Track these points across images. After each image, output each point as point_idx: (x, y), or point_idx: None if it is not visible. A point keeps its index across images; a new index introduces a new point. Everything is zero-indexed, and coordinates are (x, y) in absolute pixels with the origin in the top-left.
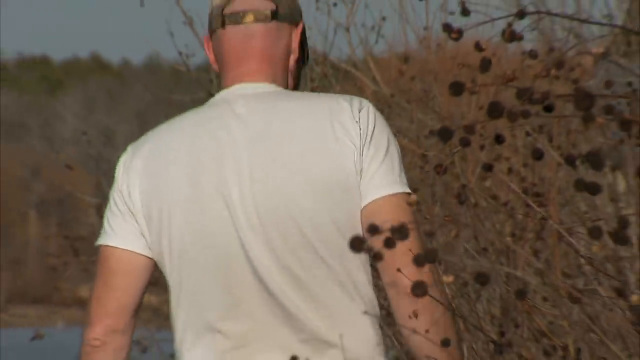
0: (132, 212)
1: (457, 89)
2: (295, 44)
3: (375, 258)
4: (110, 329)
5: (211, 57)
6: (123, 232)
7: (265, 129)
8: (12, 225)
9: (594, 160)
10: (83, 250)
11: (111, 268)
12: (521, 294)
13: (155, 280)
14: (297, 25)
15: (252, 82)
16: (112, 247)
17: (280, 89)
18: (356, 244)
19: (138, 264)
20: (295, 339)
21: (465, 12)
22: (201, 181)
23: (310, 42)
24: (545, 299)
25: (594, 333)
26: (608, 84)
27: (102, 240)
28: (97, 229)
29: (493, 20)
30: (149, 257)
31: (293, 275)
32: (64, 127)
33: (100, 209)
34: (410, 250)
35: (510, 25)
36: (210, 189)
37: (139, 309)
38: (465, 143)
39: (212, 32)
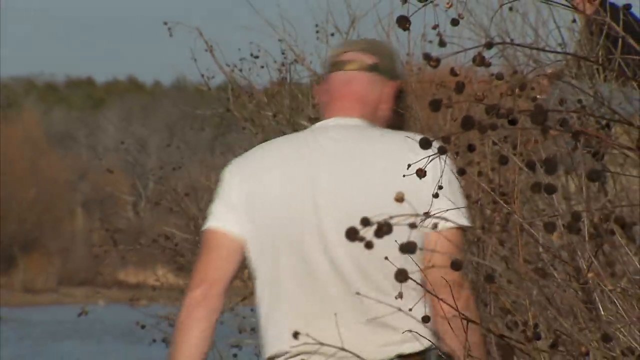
0: (232, 206)
1: (435, 105)
2: (387, 95)
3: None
4: (208, 292)
5: (317, 97)
6: (224, 220)
7: (352, 150)
8: (62, 220)
9: (550, 165)
10: (121, 241)
11: (212, 244)
12: (489, 278)
13: (182, 266)
14: (393, 81)
15: (345, 116)
16: (214, 229)
17: (367, 124)
18: (351, 234)
19: (233, 245)
20: (361, 320)
21: (442, 43)
22: (293, 189)
23: (311, 66)
24: (509, 282)
25: (550, 310)
26: (562, 102)
27: (207, 224)
28: (133, 222)
29: (466, 50)
30: (241, 242)
31: (362, 269)
32: (106, 137)
33: (135, 206)
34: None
35: (480, 53)
36: (301, 195)
37: (232, 281)
38: (442, 151)
39: (323, 76)
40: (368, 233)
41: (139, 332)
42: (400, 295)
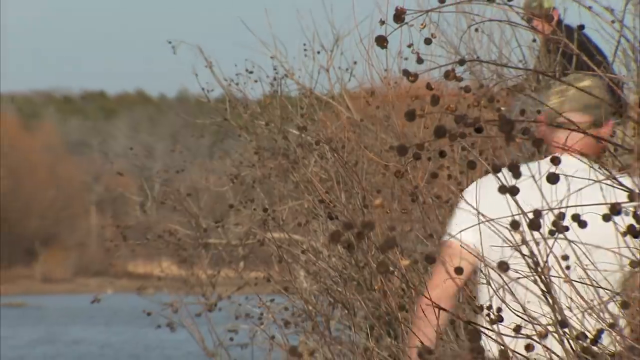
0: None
1: (410, 115)
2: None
3: None
4: (442, 294)
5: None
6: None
7: None
8: (77, 217)
9: (513, 169)
10: (130, 236)
11: (452, 254)
12: (459, 270)
13: (184, 259)
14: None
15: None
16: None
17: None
18: None
19: (468, 255)
20: None
21: (419, 61)
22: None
23: (299, 81)
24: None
25: (513, 298)
26: (522, 113)
27: (447, 237)
28: (140, 219)
29: (440, 66)
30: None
31: None
32: (116, 144)
33: (142, 205)
34: None
35: (452, 70)
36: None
37: (464, 285)
38: (416, 156)
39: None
40: None
41: (145, 318)
42: None
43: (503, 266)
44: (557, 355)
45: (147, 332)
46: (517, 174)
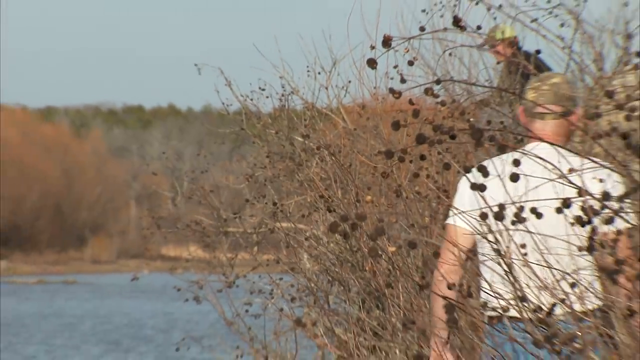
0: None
1: (395, 125)
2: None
3: None
4: (449, 270)
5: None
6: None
7: None
8: (119, 210)
9: (481, 170)
10: (163, 225)
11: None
12: (435, 254)
13: (208, 244)
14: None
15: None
16: (454, 225)
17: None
18: None
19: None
20: None
21: (403, 80)
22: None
23: (303, 97)
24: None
25: (480, 275)
26: (488, 123)
27: (450, 221)
28: (171, 211)
29: (420, 85)
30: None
31: None
32: (151, 149)
33: (173, 200)
34: None
35: (430, 88)
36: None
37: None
38: (400, 159)
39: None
40: None
41: (175, 293)
42: None
43: (470, 254)
44: (520, 326)
45: (177, 304)
46: (485, 174)
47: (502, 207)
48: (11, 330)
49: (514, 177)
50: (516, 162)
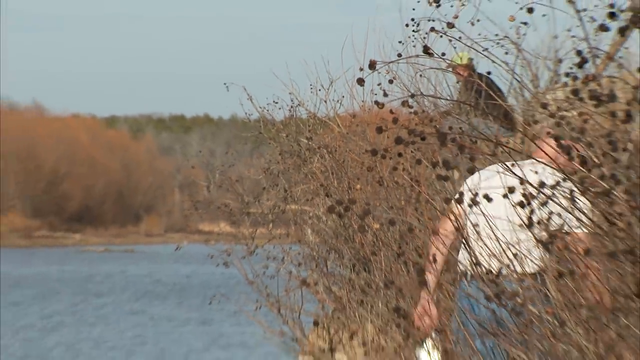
0: None
1: (379, 130)
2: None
3: None
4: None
5: None
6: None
7: None
8: (166, 195)
9: (445, 164)
10: (199, 207)
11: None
12: (410, 229)
13: (234, 222)
14: None
15: None
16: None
17: None
18: None
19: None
20: None
21: (384, 95)
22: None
23: (307, 108)
24: (420, 231)
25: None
26: (450, 128)
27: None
28: (206, 197)
29: (399, 99)
30: None
31: None
32: (191, 148)
33: (207, 188)
34: None
35: (406, 101)
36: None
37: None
38: (383, 156)
39: None
40: None
41: (209, 260)
42: None
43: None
44: (477, 287)
45: (210, 268)
46: (448, 168)
47: (461, 193)
48: (85, 287)
49: (472, 170)
50: (472, 158)
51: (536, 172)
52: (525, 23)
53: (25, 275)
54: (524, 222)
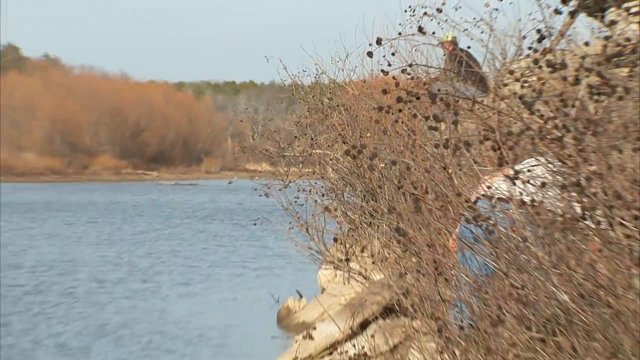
0: None
1: (384, 92)
2: None
3: None
4: None
5: None
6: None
7: None
8: (221, 142)
9: (435, 117)
10: (246, 151)
11: None
12: (407, 168)
13: (273, 162)
14: None
15: None
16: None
17: None
18: None
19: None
20: None
21: (389, 65)
22: None
23: (330, 75)
24: (415, 169)
25: (434, 181)
26: (439, 90)
27: None
28: (252, 143)
29: (399, 67)
30: None
31: None
32: (240, 107)
33: (252, 136)
34: None
35: (405, 69)
36: None
37: None
38: (387, 112)
39: None
40: None
41: (254, 191)
42: None
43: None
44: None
45: (255, 198)
46: (438, 120)
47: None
48: (161, 212)
49: (439, 119)
50: (456, 113)
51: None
52: (496, 9)
53: (116, 202)
54: (497, 162)
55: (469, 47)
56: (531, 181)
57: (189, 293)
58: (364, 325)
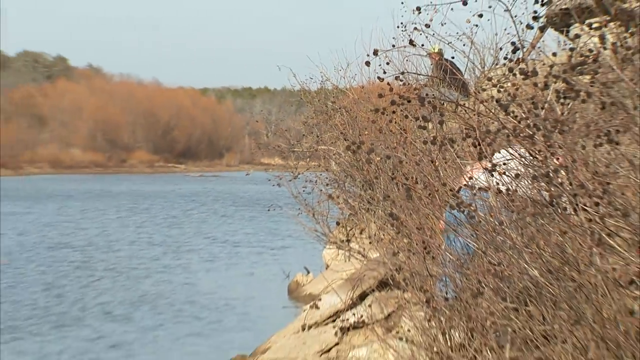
0: None
1: (380, 96)
2: None
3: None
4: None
5: None
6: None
7: None
8: (240, 139)
9: (424, 118)
10: (261, 147)
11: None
12: (400, 162)
13: (284, 157)
14: None
15: None
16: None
17: None
18: None
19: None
20: None
21: (383, 72)
22: None
23: (333, 82)
24: (406, 162)
25: (422, 173)
26: (427, 95)
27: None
28: (266, 140)
29: (393, 75)
30: None
31: None
32: (255, 109)
33: (266, 134)
34: None
35: (398, 76)
36: None
37: None
38: (382, 113)
39: None
40: None
41: (267, 182)
42: None
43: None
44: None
45: (268, 187)
46: (426, 120)
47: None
48: (189, 200)
49: (427, 119)
50: (442, 115)
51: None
52: (476, 25)
53: (150, 191)
54: (477, 157)
55: (452, 58)
56: (507, 173)
57: (215, 268)
58: (362, 297)
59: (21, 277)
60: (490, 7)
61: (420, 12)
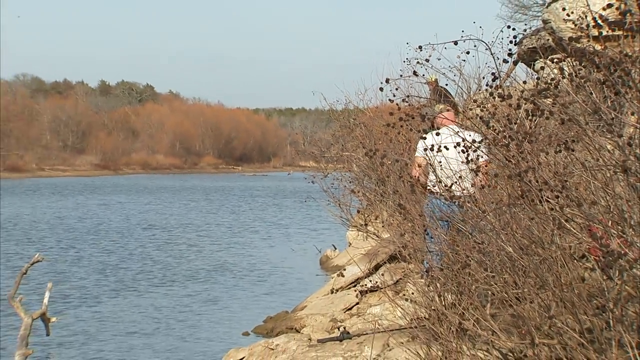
0: None
1: (390, 114)
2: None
3: None
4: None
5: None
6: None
7: None
8: (283, 147)
9: (424, 131)
10: (299, 153)
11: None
12: (405, 164)
13: (318, 160)
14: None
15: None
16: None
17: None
18: None
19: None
20: None
21: (393, 96)
22: None
23: (354, 103)
24: (411, 165)
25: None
26: (426, 113)
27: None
28: (303, 148)
29: (400, 97)
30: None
31: None
32: (295, 125)
33: (303, 143)
34: None
35: (404, 99)
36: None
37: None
38: (392, 127)
39: None
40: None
41: (304, 180)
42: None
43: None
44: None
45: (305, 184)
46: (425, 133)
47: (432, 147)
48: (245, 193)
49: (437, 134)
50: (437, 133)
51: (469, 135)
52: (464, 60)
53: (215, 187)
54: (465, 160)
55: (446, 84)
56: (489, 172)
57: (267, 245)
58: (377, 267)
59: (128, 251)
60: (475, 46)
61: (421, 50)
